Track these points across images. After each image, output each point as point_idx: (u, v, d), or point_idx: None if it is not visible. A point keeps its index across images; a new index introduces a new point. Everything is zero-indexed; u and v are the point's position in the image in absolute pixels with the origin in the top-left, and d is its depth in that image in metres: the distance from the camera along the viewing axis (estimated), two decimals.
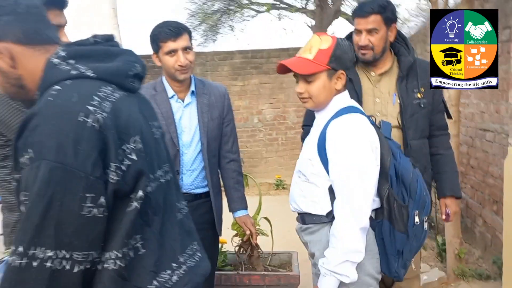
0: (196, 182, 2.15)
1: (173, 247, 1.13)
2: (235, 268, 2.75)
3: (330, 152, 1.57)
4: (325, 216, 1.62)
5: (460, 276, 3.27)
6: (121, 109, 1.03)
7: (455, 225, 3.29)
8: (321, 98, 1.63)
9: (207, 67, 7.93)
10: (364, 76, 2.14)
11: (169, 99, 2.10)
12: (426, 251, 3.84)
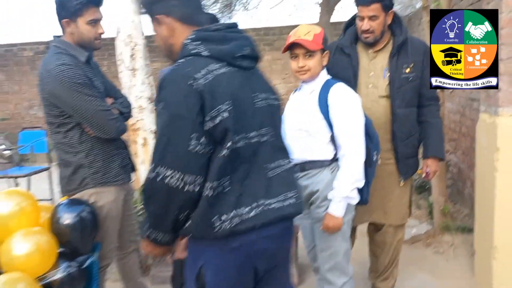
0: None
1: (255, 191, 1.46)
2: None
3: (337, 110, 2.07)
4: (327, 160, 2.13)
5: (445, 230, 3.67)
6: (221, 80, 1.41)
7: (440, 184, 3.67)
8: (316, 71, 2.14)
9: None
10: (363, 53, 2.47)
11: None
12: (420, 210, 4.24)
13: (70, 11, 2.09)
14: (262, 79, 1.60)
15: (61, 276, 1.98)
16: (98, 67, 2.39)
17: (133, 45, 4.53)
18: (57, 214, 2.09)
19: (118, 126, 2.18)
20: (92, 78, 2.16)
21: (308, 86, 2.18)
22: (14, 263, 1.87)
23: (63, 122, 2.14)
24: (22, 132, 6.03)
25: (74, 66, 2.08)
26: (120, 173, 2.29)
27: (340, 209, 2.06)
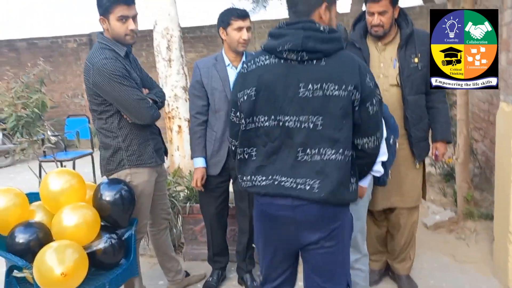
0: None
1: (278, 167, 1.70)
2: None
3: None
4: None
5: (468, 216, 3.73)
6: (258, 69, 1.72)
7: (464, 171, 3.73)
8: None
9: (255, 35, 8.44)
10: (373, 46, 2.64)
11: (226, 67, 2.72)
12: (446, 198, 4.30)
13: (102, 9, 2.32)
14: (319, 71, 1.65)
15: (104, 246, 2.24)
16: (136, 60, 2.64)
17: (169, 37, 4.79)
18: (99, 191, 2.35)
19: (153, 114, 2.43)
20: (130, 71, 2.40)
21: None
22: (64, 232, 2.13)
23: (104, 109, 2.41)
24: (67, 119, 6.43)
25: (114, 59, 2.31)
26: (153, 156, 2.54)
27: (367, 181, 2.21)
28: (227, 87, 2.69)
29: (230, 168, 2.79)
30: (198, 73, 2.75)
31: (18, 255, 2.07)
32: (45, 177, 2.31)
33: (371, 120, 1.71)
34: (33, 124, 3.52)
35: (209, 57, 2.83)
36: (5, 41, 9.53)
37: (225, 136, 2.69)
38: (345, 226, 1.80)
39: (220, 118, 2.73)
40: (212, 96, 2.73)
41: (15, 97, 3.41)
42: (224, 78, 2.71)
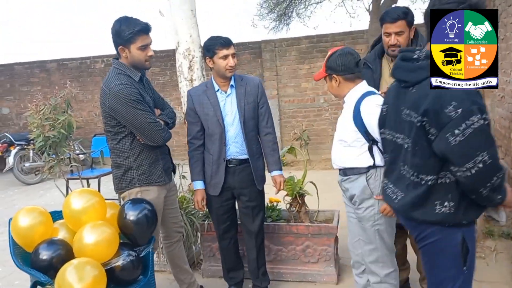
0: (240, 150, 2.86)
1: (387, 175, 2.10)
2: (287, 221, 3.46)
3: (371, 122, 2.25)
4: (363, 168, 2.34)
5: (488, 235, 3.68)
6: (389, 91, 2.09)
7: None
8: (334, 92, 2.44)
9: (276, 53, 8.56)
10: (387, 65, 2.70)
11: (216, 92, 2.82)
12: None
13: (124, 39, 2.49)
14: (410, 97, 1.89)
15: (122, 262, 2.33)
16: (149, 82, 2.83)
17: (190, 57, 4.93)
18: (124, 211, 2.46)
19: (164, 135, 2.60)
20: (143, 95, 2.58)
21: (347, 101, 2.42)
22: (84, 249, 2.24)
23: (118, 131, 2.58)
24: (94, 137, 6.65)
25: (130, 85, 2.49)
26: (162, 175, 2.72)
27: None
28: (217, 112, 2.80)
29: (231, 188, 2.90)
30: (190, 100, 2.87)
31: (42, 271, 2.18)
32: (67, 196, 2.44)
33: (454, 150, 1.70)
34: (60, 144, 3.69)
35: (200, 85, 2.97)
36: (37, 62, 9.96)
37: (221, 159, 2.83)
38: (437, 244, 1.89)
39: (215, 141, 2.83)
40: (205, 122, 2.83)
41: (43, 119, 3.58)
42: (215, 103, 2.81)
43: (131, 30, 2.47)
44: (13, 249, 2.38)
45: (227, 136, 2.83)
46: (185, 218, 3.59)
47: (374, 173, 2.33)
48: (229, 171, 2.87)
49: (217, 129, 2.81)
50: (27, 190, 7.63)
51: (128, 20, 2.52)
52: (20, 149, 7.97)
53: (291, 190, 3.40)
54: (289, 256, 3.38)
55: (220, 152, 2.83)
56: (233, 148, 2.85)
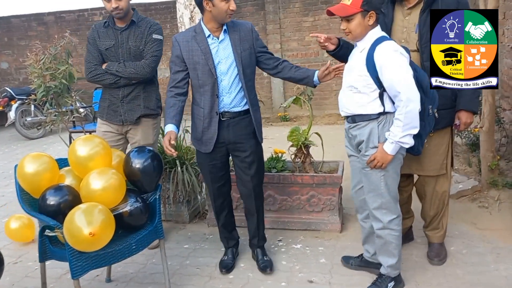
0: (234, 102, 2.63)
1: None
2: (291, 171, 3.46)
3: (384, 67, 2.19)
4: (375, 114, 2.29)
5: (492, 185, 3.69)
6: None
7: (489, 140, 3.67)
8: (357, 32, 2.28)
9: (279, 4, 8.32)
10: (399, 10, 2.59)
11: (207, 38, 2.57)
12: (470, 168, 4.25)
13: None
14: None
15: (130, 208, 2.34)
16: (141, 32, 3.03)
17: (192, 7, 4.78)
18: (130, 159, 2.45)
19: (88, 75, 3.05)
20: (99, 38, 3.05)
21: (360, 45, 2.33)
22: (91, 195, 2.24)
23: None
24: (95, 91, 6.59)
25: (92, 28, 3.12)
26: (104, 113, 3.13)
27: (391, 149, 2.25)
28: (209, 60, 2.55)
29: (225, 143, 2.70)
30: (177, 47, 2.61)
31: (50, 216, 2.19)
32: (72, 143, 2.42)
33: None
34: (61, 95, 3.63)
35: (187, 30, 2.69)
36: (33, 15, 9.73)
37: (213, 112, 2.61)
38: None
39: (206, 93, 2.61)
40: (194, 71, 2.60)
41: (44, 68, 3.51)
42: (205, 50, 2.56)
43: None
44: (20, 195, 2.38)
45: (220, 87, 2.60)
46: (190, 168, 3.59)
47: (384, 120, 2.30)
48: (223, 125, 2.64)
49: (208, 79, 2.57)
50: (30, 144, 7.64)
51: None
52: (21, 104, 7.92)
53: (296, 141, 3.38)
54: (293, 206, 3.40)
55: (212, 104, 2.60)
56: (226, 99, 2.62)
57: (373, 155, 2.30)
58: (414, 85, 2.18)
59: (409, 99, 2.15)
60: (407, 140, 2.22)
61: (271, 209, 3.42)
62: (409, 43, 2.53)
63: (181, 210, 3.71)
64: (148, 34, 2.98)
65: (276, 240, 3.28)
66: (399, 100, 2.18)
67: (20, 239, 3.54)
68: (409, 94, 2.15)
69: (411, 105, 2.15)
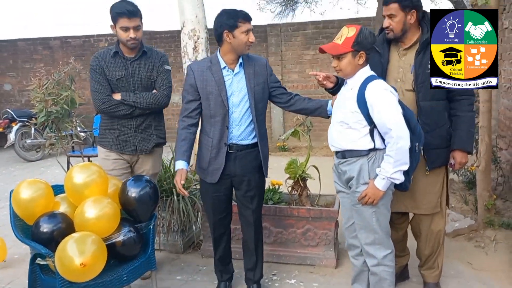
0: (243, 134, 2.64)
1: None
2: (288, 204, 3.45)
3: (375, 105, 2.24)
4: (365, 150, 2.32)
5: (488, 225, 3.68)
6: None
7: (485, 179, 3.68)
8: (348, 70, 2.34)
9: (281, 38, 8.48)
10: (395, 51, 2.65)
11: (222, 69, 2.60)
12: (467, 206, 4.25)
13: (112, 18, 2.86)
14: None
15: (123, 238, 2.34)
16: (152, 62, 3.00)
17: (196, 38, 4.89)
18: (126, 187, 2.46)
19: (100, 106, 2.91)
20: (108, 68, 2.93)
21: (350, 82, 2.39)
22: (85, 224, 2.23)
23: None
24: (96, 116, 6.63)
25: (96, 57, 2.97)
26: (113, 144, 2.99)
27: (382, 184, 2.27)
28: (223, 91, 2.58)
29: (231, 175, 2.69)
30: (192, 75, 2.63)
31: (42, 243, 2.18)
32: (69, 170, 2.43)
33: None
34: (62, 120, 3.66)
35: (203, 59, 2.74)
36: (39, 39, 9.89)
37: (222, 143, 2.62)
38: None
39: (216, 123, 2.61)
40: (207, 101, 2.61)
41: (46, 93, 3.55)
42: (220, 81, 2.58)
43: (115, 11, 2.81)
44: (13, 221, 2.38)
45: (231, 118, 2.62)
46: (186, 198, 3.58)
47: (374, 156, 2.33)
48: (230, 157, 2.64)
49: (220, 110, 2.58)
50: (28, 166, 7.63)
51: (120, 2, 2.85)
52: (21, 126, 7.95)
53: (293, 173, 3.39)
54: (289, 239, 3.38)
55: (222, 135, 2.61)
56: (235, 131, 2.64)
57: (365, 192, 2.32)
58: (404, 122, 2.24)
59: (399, 136, 2.20)
60: (398, 176, 2.26)
61: (266, 241, 3.39)
62: (405, 83, 2.59)
63: (176, 239, 3.68)
64: (160, 65, 3.01)
65: (271, 274, 3.24)
66: (390, 137, 2.23)
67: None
68: (399, 131, 2.21)
69: (401, 142, 2.21)
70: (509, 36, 4.60)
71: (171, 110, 9.19)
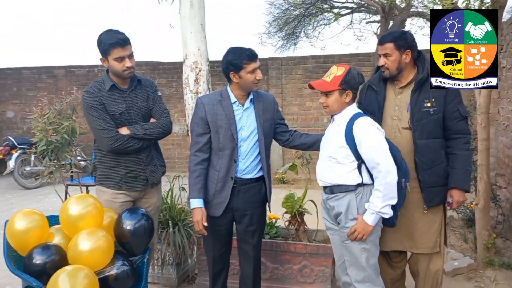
0: (248, 168, 2.65)
1: None
2: (284, 239, 3.42)
3: (363, 140, 2.28)
4: (352, 185, 2.34)
5: (488, 264, 3.63)
6: None
7: (484, 218, 3.65)
8: (334, 107, 2.40)
9: (282, 71, 8.61)
10: (391, 89, 2.69)
11: (232, 104, 2.63)
12: (466, 244, 4.20)
13: (102, 51, 2.70)
14: None
15: (116, 272, 2.30)
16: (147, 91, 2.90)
17: (197, 70, 4.96)
18: (121, 220, 2.45)
19: (112, 144, 2.67)
20: (108, 103, 2.71)
21: (337, 119, 2.43)
22: (78, 256, 2.21)
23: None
24: None
25: (91, 93, 2.70)
26: (121, 182, 2.78)
27: (371, 219, 2.28)
28: (232, 125, 2.60)
29: (234, 209, 2.67)
30: (202, 109, 2.63)
31: (34, 276, 2.16)
32: (65, 201, 2.42)
33: None
34: (61, 149, 3.68)
35: (213, 93, 2.74)
36: (44, 68, 10.04)
37: (228, 177, 2.61)
38: None
39: (224, 157, 2.61)
40: (216, 134, 2.61)
41: (47, 123, 3.58)
42: (230, 115, 2.61)
43: (106, 43, 2.65)
44: (7, 252, 2.35)
45: (239, 152, 2.63)
46: (182, 230, 3.56)
47: (362, 191, 2.34)
48: (234, 191, 2.64)
49: (229, 143, 2.59)
50: (26, 194, 7.61)
51: (108, 33, 2.69)
52: (21, 153, 7.98)
53: (290, 208, 3.38)
54: (285, 275, 3.33)
55: (229, 169, 2.61)
56: (241, 165, 2.64)
57: (354, 227, 2.31)
58: (391, 157, 2.27)
59: (388, 170, 2.24)
60: (387, 210, 2.27)
61: (262, 277, 3.32)
62: (401, 121, 2.61)
63: (170, 273, 3.62)
64: (153, 92, 2.94)
65: None
66: (378, 171, 2.25)
67: None
68: (387, 166, 2.24)
69: (389, 176, 2.24)
70: (507, 75, 4.66)
71: (170, 140, 9.25)
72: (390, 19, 6.91)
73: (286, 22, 10.83)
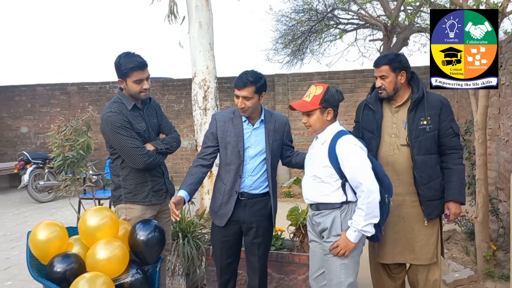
0: (255, 184, 2.77)
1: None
2: (290, 250, 3.55)
3: (346, 160, 2.34)
4: (338, 203, 2.40)
5: (488, 276, 3.72)
6: None
7: (483, 231, 3.76)
8: (317, 126, 2.48)
9: (288, 87, 8.80)
10: (387, 108, 2.83)
11: (243, 122, 2.77)
12: (468, 256, 4.29)
13: (121, 73, 2.79)
14: None
15: (131, 279, 2.46)
16: (158, 109, 3.06)
17: (206, 87, 5.17)
18: (135, 230, 2.61)
19: (146, 160, 2.78)
20: (132, 121, 2.81)
21: (320, 137, 2.51)
22: (96, 265, 2.37)
23: (112, 152, 2.87)
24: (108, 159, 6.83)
25: (118, 113, 2.76)
26: (149, 196, 2.89)
27: (353, 237, 2.34)
28: (240, 143, 2.73)
29: (240, 221, 2.79)
30: (214, 125, 2.80)
31: (55, 282, 2.32)
32: (84, 213, 2.59)
33: None
34: (77, 164, 3.87)
35: (228, 110, 2.86)
36: (57, 85, 10.33)
37: (233, 190, 2.75)
38: None
39: (230, 171, 2.75)
40: (224, 150, 2.76)
41: (64, 139, 3.78)
42: (239, 133, 2.74)
43: (127, 66, 2.74)
44: (30, 260, 2.52)
45: (244, 169, 2.75)
46: (192, 242, 3.70)
47: (347, 209, 2.40)
48: (240, 204, 2.77)
49: (236, 159, 2.73)
50: (39, 208, 7.81)
51: (127, 56, 2.79)
52: (35, 167, 8.21)
53: (295, 220, 3.51)
54: (290, 286, 3.45)
55: (234, 183, 2.75)
56: (248, 181, 2.76)
57: (336, 243, 2.37)
58: (374, 177, 2.34)
59: (370, 190, 2.29)
60: (369, 229, 2.33)
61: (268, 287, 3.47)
62: (399, 138, 2.75)
63: (180, 283, 3.76)
64: (158, 109, 3.11)
65: None
66: (361, 191, 2.32)
67: None
68: (370, 185, 2.30)
69: (372, 196, 2.29)
70: (506, 91, 4.80)
71: (179, 155, 9.45)
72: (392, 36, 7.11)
73: (292, 39, 11.08)
